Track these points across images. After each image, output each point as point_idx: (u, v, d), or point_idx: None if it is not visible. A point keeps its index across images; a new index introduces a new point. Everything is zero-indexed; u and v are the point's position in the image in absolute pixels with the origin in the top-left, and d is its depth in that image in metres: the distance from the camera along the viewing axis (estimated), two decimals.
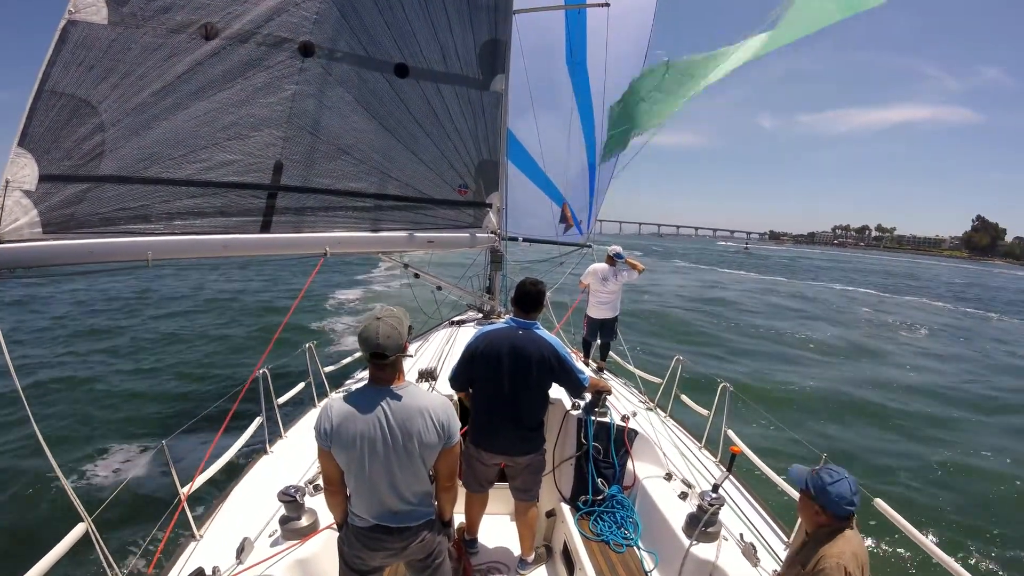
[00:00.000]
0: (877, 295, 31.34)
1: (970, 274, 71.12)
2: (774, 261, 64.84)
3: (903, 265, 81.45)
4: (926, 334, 18.29)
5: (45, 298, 14.44)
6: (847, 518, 1.73)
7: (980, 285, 49.70)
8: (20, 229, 2.48)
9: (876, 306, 25.57)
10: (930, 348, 15.73)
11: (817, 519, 1.76)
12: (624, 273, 5.59)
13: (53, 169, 2.56)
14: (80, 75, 2.60)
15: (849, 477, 1.74)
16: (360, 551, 1.90)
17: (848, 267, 62.02)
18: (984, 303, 31.67)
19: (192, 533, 2.46)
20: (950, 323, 22.04)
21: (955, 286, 45.02)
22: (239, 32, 3.04)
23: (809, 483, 1.78)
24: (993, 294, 39.83)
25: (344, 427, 1.77)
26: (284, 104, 3.28)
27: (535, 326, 2.71)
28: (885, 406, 9.39)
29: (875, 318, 21.34)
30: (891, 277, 49.87)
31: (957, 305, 29.41)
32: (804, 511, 1.83)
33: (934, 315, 24.16)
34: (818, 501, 1.74)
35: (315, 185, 3.50)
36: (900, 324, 20.01)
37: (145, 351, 10.12)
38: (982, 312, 26.95)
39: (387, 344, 1.76)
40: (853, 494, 1.71)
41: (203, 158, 3.01)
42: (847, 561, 1.64)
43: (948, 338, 17.87)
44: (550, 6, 5.95)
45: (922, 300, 30.21)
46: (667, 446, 3.52)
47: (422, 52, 3.81)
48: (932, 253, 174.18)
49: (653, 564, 2.72)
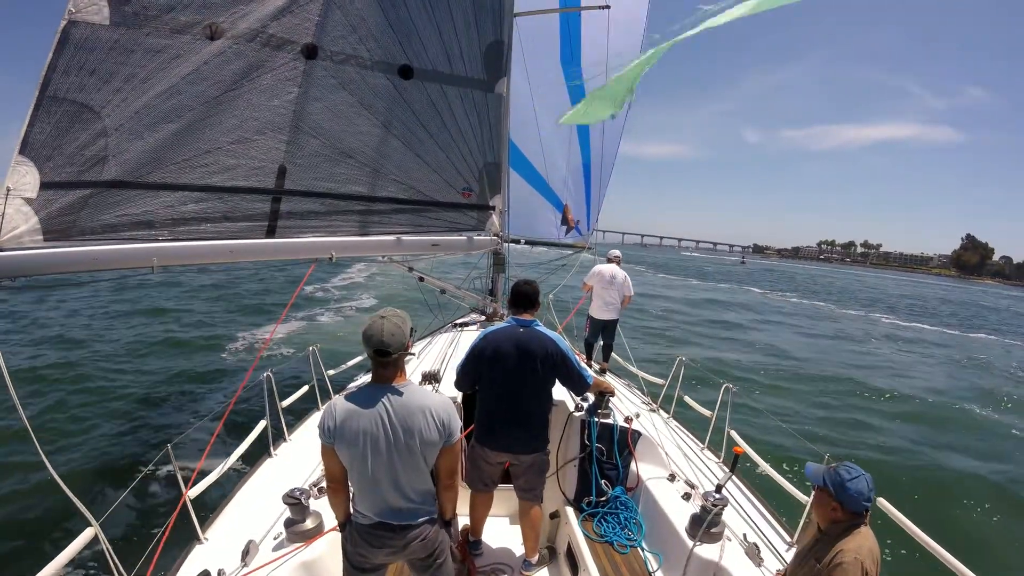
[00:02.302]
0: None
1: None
2: (785, 277, 61.51)
3: (948, 290, 73.42)
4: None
5: (49, 300, 14.38)
6: (862, 514, 1.76)
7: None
8: (20, 237, 2.44)
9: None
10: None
11: (833, 515, 1.79)
12: (625, 284, 5.66)
13: (55, 176, 2.52)
14: (82, 79, 2.55)
15: (866, 474, 1.78)
16: (363, 548, 1.94)
17: (883, 291, 54.24)
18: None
19: (197, 536, 2.47)
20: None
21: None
22: (244, 32, 3.00)
23: (827, 480, 1.81)
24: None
25: (347, 424, 1.80)
26: (287, 107, 3.24)
27: (535, 323, 2.77)
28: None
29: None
30: (962, 308, 41.72)
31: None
32: (820, 507, 1.86)
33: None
34: (837, 498, 1.77)
35: (319, 189, 3.47)
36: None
37: (150, 354, 10.09)
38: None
39: (391, 341, 1.80)
40: (870, 490, 1.75)
41: (207, 162, 2.97)
42: (864, 556, 1.68)
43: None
44: (551, 8, 5.93)
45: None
46: (670, 447, 3.54)
47: (427, 53, 3.78)
48: (920, 271, 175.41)
49: (657, 565, 2.74)
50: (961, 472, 7.18)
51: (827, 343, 17.61)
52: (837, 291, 47.22)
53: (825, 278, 70.07)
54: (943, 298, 53.26)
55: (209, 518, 2.67)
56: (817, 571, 1.76)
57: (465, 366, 2.77)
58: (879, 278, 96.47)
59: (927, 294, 58.32)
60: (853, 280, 75.10)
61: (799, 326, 21.14)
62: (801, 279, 61.56)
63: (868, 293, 49.00)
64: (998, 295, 76.37)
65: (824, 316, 26.34)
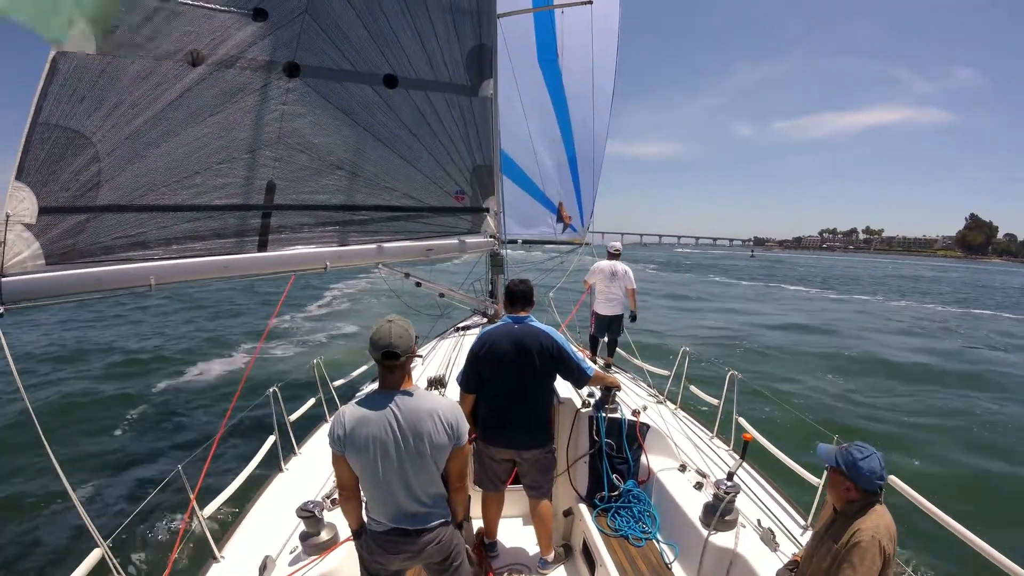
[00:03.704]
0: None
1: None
2: (802, 270, 56.55)
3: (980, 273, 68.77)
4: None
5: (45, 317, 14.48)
6: (876, 492, 1.76)
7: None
8: (24, 262, 2.51)
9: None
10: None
11: (848, 495, 1.79)
12: (626, 277, 5.65)
13: (52, 201, 2.59)
14: (72, 106, 2.62)
15: (877, 453, 1.77)
16: (379, 555, 1.93)
17: (911, 276, 51.74)
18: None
19: (213, 554, 2.47)
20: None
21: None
22: (224, 57, 3.08)
23: (840, 460, 1.80)
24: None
25: (357, 431, 1.80)
26: (272, 124, 3.31)
27: (529, 319, 2.81)
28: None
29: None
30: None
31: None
32: (834, 488, 1.85)
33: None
34: (850, 477, 1.76)
35: (310, 202, 3.52)
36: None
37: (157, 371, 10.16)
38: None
39: (399, 343, 1.81)
40: (882, 468, 1.75)
41: (197, 183, 3.04)
42: (881, 534, 1.68)
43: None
44: (535, 7, 5.98)
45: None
46: (679, 438, 3.52)
47: (409, 62, 3.83)
48: (925, 253, 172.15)
49: (673, 556, 2.72)
50: None
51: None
52: (892, 282, 44.22)
53: (854, 269, 66.44)
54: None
55: (224, 535, 2.68)
56: (835, 552, 1.75)
57: (466, 369, 2.80)
58: (899, 263, 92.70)
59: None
60: (875, 267, 72.08)
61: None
62: (839, 271, 56.57)
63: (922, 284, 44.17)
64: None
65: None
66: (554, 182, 6.98)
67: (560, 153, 6.93)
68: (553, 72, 6.54)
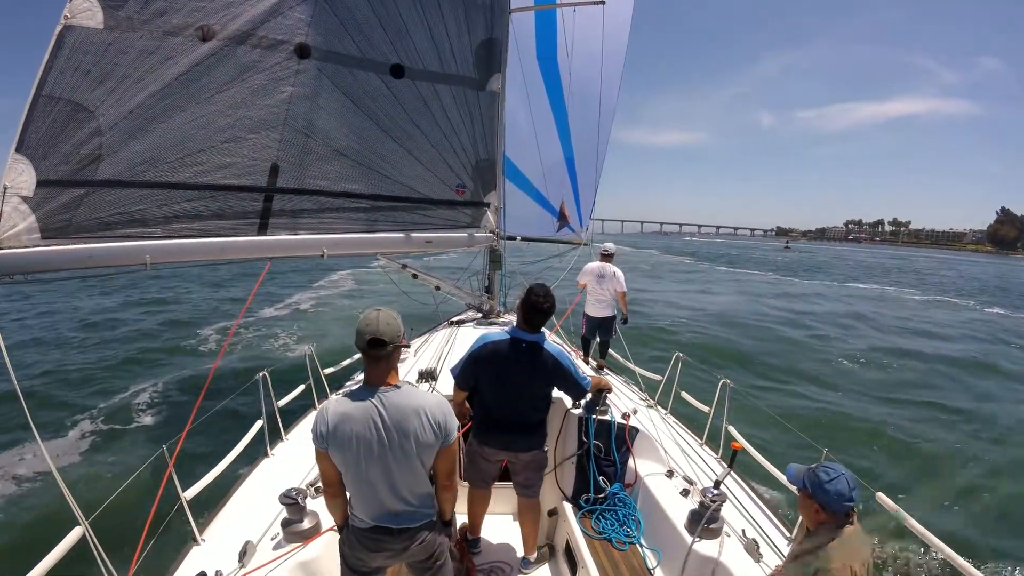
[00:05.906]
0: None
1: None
2: (851, 264, 50.59)
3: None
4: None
5: (37, 295, 14.39)
6: (847, 515, 1.72)
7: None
8: (19, 235, 2.48)
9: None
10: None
11: (818, 517, 1.75)
12: (615, 280, 5.64)
13: (51, 174, 2.56)
14: (77, 80, 2.60)
15: (846, 473, 1.72)
16: (361, 552, 1.90)
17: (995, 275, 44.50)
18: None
19: (194, 537, 2.46)
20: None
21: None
22: (236, 33, 3.04)
23: (807, 481, 1.76)
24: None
25: (340, 428, 1.76)
26: (280, 106, 3.28)
27: (540, 339, 2.64)
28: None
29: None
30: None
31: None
32: (804, 510, 1.82)
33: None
34: (816, 499, 1.72)
35: (312, 187, 3.50)
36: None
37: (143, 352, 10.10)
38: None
39: (386, 331, 1.76)
40: (851, 490, 1.69)
41: (200, 161, 3.01)
42: (852, 559, 1.64)
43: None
44: (547, 4, 5.95)
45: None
46: (668, 443, 3.52)
47: (418, 53, 3.81)
48: (954, 247, 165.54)
49: (656, 561, 2.72)
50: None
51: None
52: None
53: (905, 262, 60.45)
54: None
55: (206, 519, 2.66)
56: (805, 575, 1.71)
57: (464, 368, 2.70)
58: (951, 259, 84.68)
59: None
60: (926, 261, 67.06)
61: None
62: (860, 267, 49.78)
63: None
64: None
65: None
66: (553, 181, 6.93)
67: (557, 152, 6.87)
68: (552, 70, 6.47)
